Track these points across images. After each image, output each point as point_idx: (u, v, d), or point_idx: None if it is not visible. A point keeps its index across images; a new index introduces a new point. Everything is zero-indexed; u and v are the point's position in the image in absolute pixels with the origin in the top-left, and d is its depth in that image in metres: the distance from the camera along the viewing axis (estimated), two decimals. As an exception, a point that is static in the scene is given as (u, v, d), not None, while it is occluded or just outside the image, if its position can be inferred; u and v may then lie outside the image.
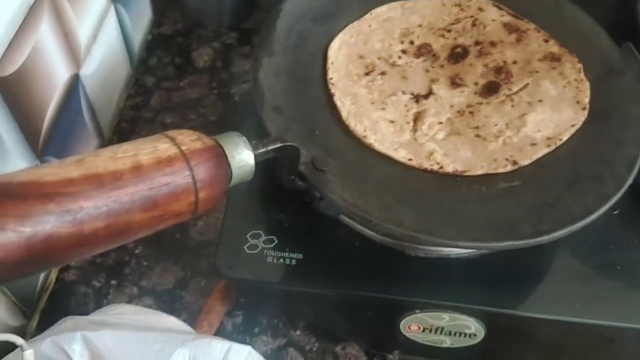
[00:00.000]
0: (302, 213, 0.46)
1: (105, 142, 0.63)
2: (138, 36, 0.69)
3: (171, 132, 0.29)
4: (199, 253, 0.55)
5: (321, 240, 0.46)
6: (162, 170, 0.27)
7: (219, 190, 0.30)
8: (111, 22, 0.61)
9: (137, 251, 0.55)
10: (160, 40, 0.74)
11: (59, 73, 0.51)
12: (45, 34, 0.47)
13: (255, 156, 0.33)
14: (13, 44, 0.42)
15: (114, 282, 0.54)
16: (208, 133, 0.32)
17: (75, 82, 0.54)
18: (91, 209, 0.25)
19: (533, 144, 0.44)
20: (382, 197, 0.40)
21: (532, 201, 0.40)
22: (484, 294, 0.43)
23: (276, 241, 0.45)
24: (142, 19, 0.70)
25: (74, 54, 0.53)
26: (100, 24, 0.58)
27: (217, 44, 0.74)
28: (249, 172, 0.32)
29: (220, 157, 0.30)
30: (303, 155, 0.40)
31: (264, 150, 0.34)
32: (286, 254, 0.45)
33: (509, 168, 0.43)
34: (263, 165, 0.37)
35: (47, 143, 0.49)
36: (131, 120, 0.66)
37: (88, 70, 0.56)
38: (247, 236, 0.46)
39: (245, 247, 0.45)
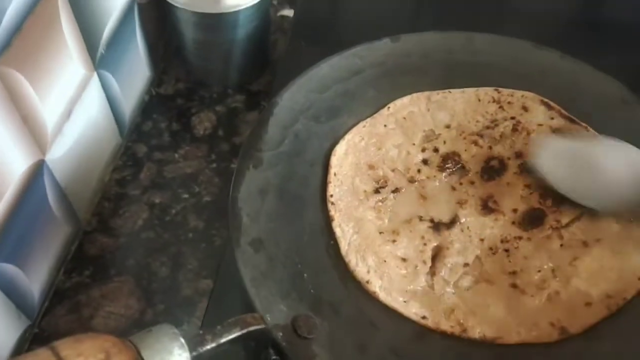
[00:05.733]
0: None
1: (82, 225, 0.55)
2: (131, 100, 0.61)
3: (66, 348, 0.21)
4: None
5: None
6: None
7: None
8: (93, 92, 0.53)
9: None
10: (158, 101, 0.66)
11: (13, 165, 0.43)
12: (-8, 123, 0.39)
13: (198, 357, 0.24)
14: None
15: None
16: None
17: (38, 170, 0.46)
18: None
19: (587, 304, 0.33)
20: (381, 382, 0.30)
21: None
22: None
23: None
24: (136, 80, 0.63)
25: (37, 140, 0.45)
26: (77, 97, 0.50)
27: (221, 107, 0.66)
28: (185, 387, 0.23)
29: (135, 386, 0.21)
30: (282, 314, 0.30)
31: (212, 346, 0.25)
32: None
33: (555, 337, 0.33)
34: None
35: (-4, 248, 0.42)
36: (115, 198, 0.58)
37: (58, 152, 0.48)
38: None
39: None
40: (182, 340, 0.23)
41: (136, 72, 0.62)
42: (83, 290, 0.52)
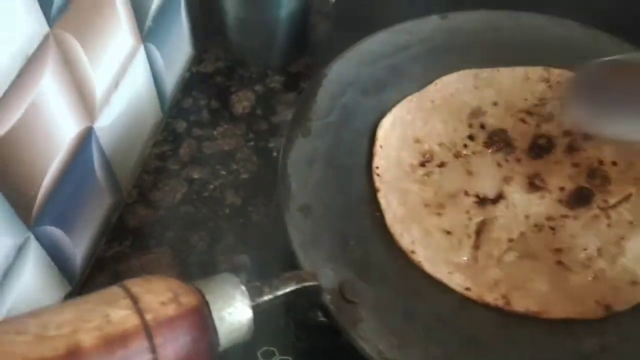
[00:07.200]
0: (327, 331, 0.37)
1: (123, 196, 0.56)
2: (172, 76, 0.62)
3: (136, 285, 0.21)
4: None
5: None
6: (111, 355, 0.19)
7: (194, 373, 0.21)
8: (139, 64, 0.54)
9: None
10: (198, 79, 0.67)
11: (64, 129, 0.44)
12: (48, 87, 0.40)
13: (256, 306, 0.24)
14: (2, 103, 0.36)
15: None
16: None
17: (87, 137, 0.47)
18: None
19: (633, 283, 0.33)
20: (428, 348, 0.31)
21: (632, 372, 0.30)
22: None
23: (292, 364, 0.37)
24: (179, 56, 0.63)
25: (87, 106, 0.46)
26: (125, 68, 0.51)
27: (260, 87, 0.66)
28: (245, 333, 0.24)
29: (201, 326, 0.22)
30: (329, 278, 0.31)
31: (270, 297, 0.25)
32: (303, 384, 0.36)
33: (600, 314, 0.33)
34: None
35: (44, 210, 0.43)
36: (155, 171, 0.59)
37: (106, 121, 0.49)
38: (258, 354, 0.37)
39: (254, 368, 0.37)
40: (243, 287, 0.24)
41: (179, 48, 0.63)
42: (123, 260, 0.53)
